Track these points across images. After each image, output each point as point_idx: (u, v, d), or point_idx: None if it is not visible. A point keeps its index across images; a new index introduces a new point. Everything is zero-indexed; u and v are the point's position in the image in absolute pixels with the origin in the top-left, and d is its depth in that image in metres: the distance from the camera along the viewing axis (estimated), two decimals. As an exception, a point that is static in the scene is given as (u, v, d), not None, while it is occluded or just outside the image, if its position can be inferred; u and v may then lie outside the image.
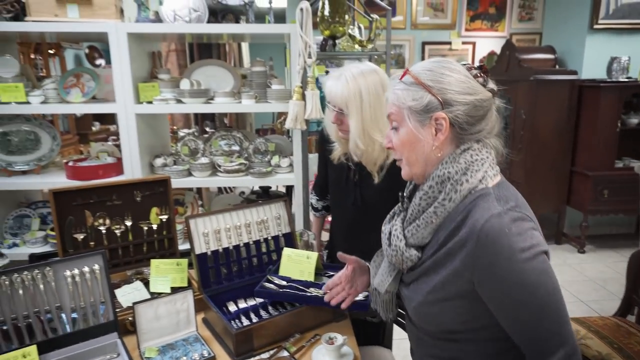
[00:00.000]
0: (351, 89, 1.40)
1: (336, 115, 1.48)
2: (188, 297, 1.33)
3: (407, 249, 0.99)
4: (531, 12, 5.44)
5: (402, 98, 0.96)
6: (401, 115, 0.97)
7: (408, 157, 0.99)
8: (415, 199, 0.98)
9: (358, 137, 1.43)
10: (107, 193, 1.63)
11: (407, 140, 0.97)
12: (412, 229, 0.98)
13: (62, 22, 2.22)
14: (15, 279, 1.17)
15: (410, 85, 0.95)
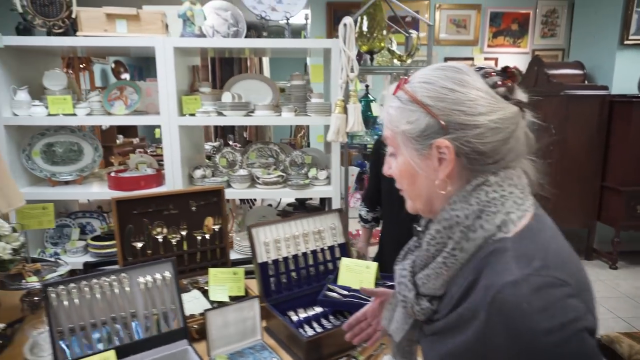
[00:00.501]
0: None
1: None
2: (254, 305, 1.34)
3: (418, 300, 0.79)
4: (554, 29, 5.48)
5: (395, 119, 0.77)
6: (395, 140, 0.79)
7: (408, 191, 0.82)
8: (423, 242, 0.79)
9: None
10: (165, 202, 1.66)
11: (404, 172, 0.79)
12: (423, 278, 0.78)
13: (113, 37, 2.28)
14: (94, 284, 1.19)
15: (405, 103, 0.76)
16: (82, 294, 1.17)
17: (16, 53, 2.39)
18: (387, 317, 0.96)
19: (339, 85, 2.24)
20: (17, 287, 1.49)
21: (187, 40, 2.32)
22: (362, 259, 1.69)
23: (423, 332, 0.84)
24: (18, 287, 1.49)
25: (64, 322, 1.14)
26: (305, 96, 2.54)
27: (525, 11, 5.42)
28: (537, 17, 5.44)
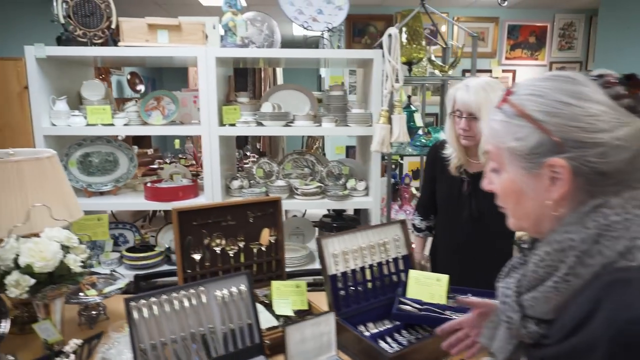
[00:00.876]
0: (482, 96, 1.56)
1: (466, 122, 1.60)
2: (330, 319, 1.29)
3: (525, 322, 0.73)
4: (571, 42, 5.51)
5: (500, 135, 0.72)
6: (500, 156, 0.73)
7: (513, 210, 0.77)
8: (530, 263, 0.73)
9: None
10: (223, 214, 1.63)
11: (509, 190, 0.74)
12: (530, 300, 0.73)
13: (156, 47, 2.27)
14: (174, 298, 1.14)
15: (512, 117, 0.70)
16: (162, 308, 1.13)
17: (56, 63, 2.38)
18: (487, 335, 0.92)
19: (384, 95, 2.22)
20: (77, 301, 1.44)
21: (230, 50, 2.30)
22: (422, 269, 1.65)
23: (530, 354, 0.78)
24: (78, 301, 1.44)
25: (144, 338, 1.09)
26: (344, 106, 2.52)
27: (543, 24, 5.45)
28: (555, 30, 5.48)
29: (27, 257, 1.15)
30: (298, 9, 2.31)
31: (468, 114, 1.59)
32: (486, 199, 1.56)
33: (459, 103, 1.61)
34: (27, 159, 1.30)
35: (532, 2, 5.10)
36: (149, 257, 2.38)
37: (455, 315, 1.35)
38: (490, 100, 1.53)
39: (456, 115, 1.63)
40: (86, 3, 2.28)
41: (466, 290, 1.49)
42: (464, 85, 1.61)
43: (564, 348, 0.67)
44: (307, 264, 2.51)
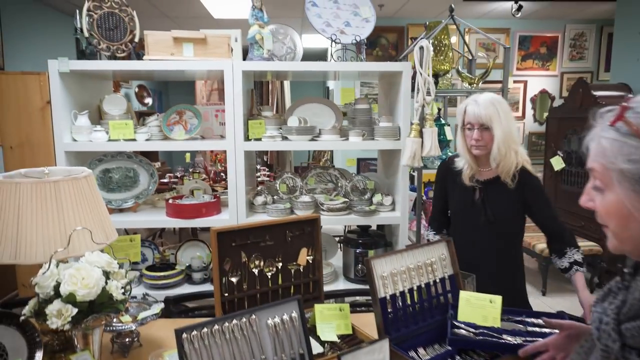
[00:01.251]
0: (491, 108, 1.70)
1: (478, 132, 1.72)
2: (384, 347, 1.22)
3: (624, 352, 0.69)
4: (582, 52, 5.49)
5: (610, 154, 0.67)
6: (607, 177, 0.69)
7: (617, 232, 0.71)
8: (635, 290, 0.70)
9: (502, 143, 1.69)
10: (262, 234, 1.56)
11: (615, 212, 0.70)
12: (633, 330, 0.68)
13: (183, 61, 2.22)
14: (225, 328, 1.07)
15: (626, 137, 0.65)
16: (214, 338, 1.06)
17: (77, 78, 2.33)
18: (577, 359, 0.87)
19: (415, 108, 2.16)
20: (112, 329, 1.37)
21: (257, 63, 2.26)
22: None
23: None
24: (113, 328, 1.37)
25: (196, 371, 1.02)
26: (370, 120, 2.47)
27: (554, 34, 5.44)
28: (566, 40, 5.46)
29: (69, 284, 1.09)
30: (326, 21, 2.27)
31: (479, 125, 1.70)
32: (497, 204, 1.80)
33: (470, 116, 1.73)
34: (65, 179, 1.24)
35: (543, 12, 5.10)
36: (170, 276, 2.31)
37: (512, 339, 1.28)
38: (498, 112, 1.69)
39: (467, 128, 1.75)
40: (110, 16, 2.24)
41: (521, 312, 1.43)
42: (472, 101, 1.73)
43: None
44: (333, 281, 2.44)
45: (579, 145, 3.98)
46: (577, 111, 3.95)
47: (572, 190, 4.13)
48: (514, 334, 1.31)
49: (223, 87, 2.25)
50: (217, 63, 2.23)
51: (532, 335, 1.32)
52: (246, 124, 2.35)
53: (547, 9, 4.95)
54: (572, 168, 4.11)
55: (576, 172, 4.06)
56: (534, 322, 1.40)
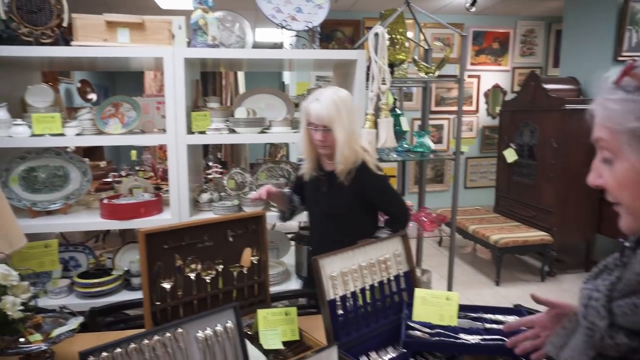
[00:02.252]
0: (333, 108, 1.60)
1: (322, 133, 1.63)
2: (332, 354, 1.10)
3: (612, 331, 0.65)
4: (532, 48, 5.62)
5: (618, 116, 0.62)
6: (616, 142, 0.63)
7: (630, 205, 0.65)
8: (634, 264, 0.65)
9: (344, 147, 1.62)
10: (199, 234, 1.41)
11: (628, 181, 0.63)
12: (626, 307, 0.64)
13: (114, 47, 2.01)
14: (144, 346, 0.92)
15: (635, 93, 0.60)
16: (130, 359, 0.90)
17: (-6, 65, 2.07)
18: (556, 342, 0.82)
19: (369, 98, 2.07)
20: (16, 351, 1.17)
21: (200, 50, 2.09)
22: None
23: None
24: (17, 350, 1.17)
25: (110, 398, 0.87)
26: (322, 111, 2.35)
27: (506, 30, 5.54)
28: (517, 36, 5.57)
29: (-49, 302, 0.90)
30: (276, 6, 2.13)
31: (322, 126, 1.62)
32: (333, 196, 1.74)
33: (313, 116, 1.63)
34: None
35: (495, 8, 5.17)
36: (106, 282, 2.11)
37: (469, 337, 1.20)
38: (340, 112, 1.60)
39: (312, 128, 1.66)
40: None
41: (477, 308, 1.35)
42: (315, 99, 1.64)
43: None
44: (284, 281, 2.31)
45: (530, 137, 4.04)
46: (529, 104, 4.01)
47: (524, 181, 4.19)
48: (471, 333, 1.24)
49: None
50: (156, 50, 2.04)
51: (490, 332, 1.25)
52: (189, 116, 2.18)
53: (499, 5, 5.02)
54: (524, 160, 4.17)
55: (527, 164, 4.12)
56: (492, 318, 1.33)
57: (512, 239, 3.70)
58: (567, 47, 4.19)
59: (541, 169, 3.90)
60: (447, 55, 2.37)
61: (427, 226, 2.42)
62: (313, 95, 1.67)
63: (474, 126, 5.73)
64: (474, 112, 5.69)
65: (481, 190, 5.86)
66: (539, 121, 3.87)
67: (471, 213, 4.59)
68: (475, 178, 5.84)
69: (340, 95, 1.65)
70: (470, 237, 4.17)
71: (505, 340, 1.19)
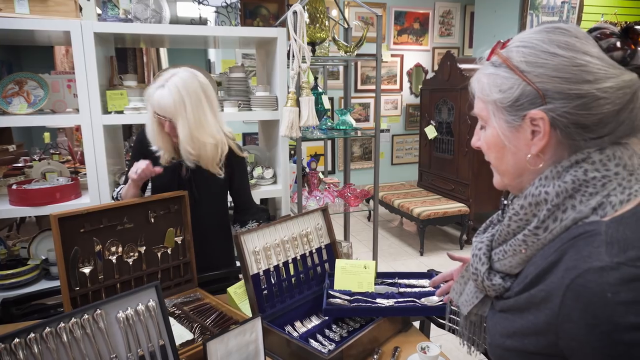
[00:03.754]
0: (176, 99, 1.44)
1: (169, 124, 1.49)
2: (256, 325, 1.15)
3: (490, 275, 0.75)
4: (450, 28, 5.91)
5: (486, 88, 0.70)
6: (486, 112, 0.72)
7: (496, 165, 0.76)
8: (505, 217, 0.74)
9: (188, 143, 1.48)
10: (118, 216, 1.38)
11: (492, 144, 0.73)
12: (499, 253, 0.74)
13: (12, 19, 1.85)
14: (62, 329, 0.91)
15: (499, 68, 0.69)
16: (49, 345, 0.89)
17: None
18: (457, 289, 0.92)
19: (290, 76, 2.09)
20: None
21: (111, 25, 1.98)
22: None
23: (492, 307, 0.79)
24: None
25: (25, 385, 0.85)
26: (246, 90, 2.35)
27: (425, 11, 5.76)
28: (436, 17, 5.82)
29: None
30: (190, -21, 2.06)
31: (168, 119, 1.47)
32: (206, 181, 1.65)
33: (156, 107, 1.47)
34: None
35: (416, -11, 5.35)
36: (21, 273, 1.99)
37: (385, 302, 1.30)
38: (184, 104, 1.45)
39: (160, 117, 1.49)
40: None
41: (394, 274, 1.46)
42: (160, 86, 1.46)
43: (522, 299, 0.68)
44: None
45: (448, 114, 4.30)
46: (446, 83, 4.25)
47: (443, 157, 4.47)
48: (387, 297, 1.34)
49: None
50: (62, 23, 1.90)
51: (404, 295, 1.36)
52: (104, 95, 2.07)
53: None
54: (443, 136, 4.44)
55: (446, 140, 4.39)
56: (406, 283, 1.44)
57: (433, 211, 3.96)
58: (479, 29, 4.47)
59: (458, 144, 4.18)
60: (364, 33, 2.44)
61: (352, 201, 2.53)
62: (159, 80, 1.48)
63: (398, 104, 5.96)
64: (398, 91, 5.91)
65: (407, 166, 6.16)
66: (455, 99, 4.12)
67: (396, 188, 4.83)
68: (401, 155, 6.11)
69: (187, 81, 1.46)
70: (396, 211, 4.40)
71: (417, 301, 1.32)
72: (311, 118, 2.10)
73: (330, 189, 2.58)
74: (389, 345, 1.28)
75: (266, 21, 5.20)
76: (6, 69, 6.46)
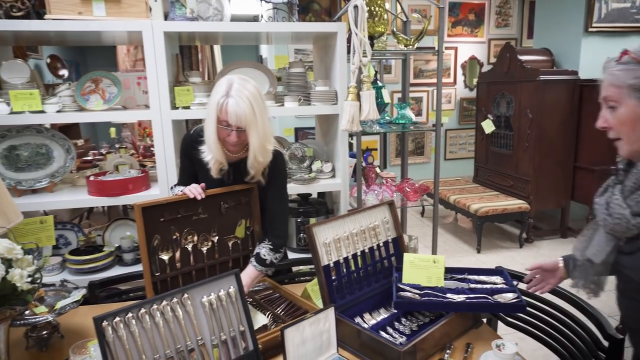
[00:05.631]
0: (251, 109, 1.43)
1: (236, 134, 1.46)
2: (330, 315, 1.17)
3: (633, 217, 0.98)
4: (507, 19, 5.68)
5: (620, 77, 0.99)
6: (620, 94, 0.99)
7: (628, 136, 1.00)
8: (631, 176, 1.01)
9: (260, 153, 1.48)
10: (194, 207, 1.44)
11: (627, 119, 0.99)
12: (636, 197, 0.99)
13: (90, 21, 1.97)
14: (154, 311, 0.96)
15: (630, 64, 0.98)
16: (141, 324, 0.95)
17: (-35, 40, 2.00)
18: (580, 246, 1.14)
19: (351, 71, 2.09)
20: (23, 323, 1.20)
21: (181, 24, 2.06)
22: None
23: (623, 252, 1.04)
24: (24, 322, 1.20)
25: (123, 362, 0.91)
26: (306, 84, 2.37)
27: (481, 1, 5.57)
28: (492, 7, 5.61)
29: (-42, 276, 0.92)
30: (254, -23, 2.10)
31: (237, 127, 1.44)
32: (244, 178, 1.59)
33: (229, 115, 1.42)
34: (-55, 153, 1.04)
35: (472, -21, 5.18)
36: (98, 259, 2.13)
37: (455, 297, 1.28)
38: (255, 114, 1.44)
39: (223, 126, 1.46)
40: (1, -33, 1.92)
41: (463, 270, 1.44)
42: (232, 98, 1.42)
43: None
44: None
45: (507, 108, 4.14)
46: (505, 76, 4.09)
47: (501, 152, 4.32)
48: (457, 292, 1.32)
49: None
50: (134, 23, 2.00)
51: (475, 292, 1.33)
52: (172, 91, 2.16)
53: (475, -25, 5.03)
54: (501, 131, 4.28)
55: (504, 134, 4.24)
56: (476, 279, 1.41)
57: (491, 208, 3.84)
58: (541, 19, 4.26)
59: (517, 139, 4.02)
60: (425, 26, 2.39)
61: (411, 196, 2.50)
62: (220, 86, 1.46)
63: (452, 98, 5.82)
64: (452, 84, 5.77)
65: (460, 161, 6.00)
66: (515, 92, 3.96)
67: (452, 184, 4.72)
68: (454, 150, 5.97)
69: (255, 93, 1.47)
70: (451, 207, 4.30)
71: (489, 298, 1.29)
72: (372, 112, 2.10)
73: (388, 183, 2.56)
74: (461, 341, 1.27)
75: (318, 16, 5.22)
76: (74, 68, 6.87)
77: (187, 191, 1.44)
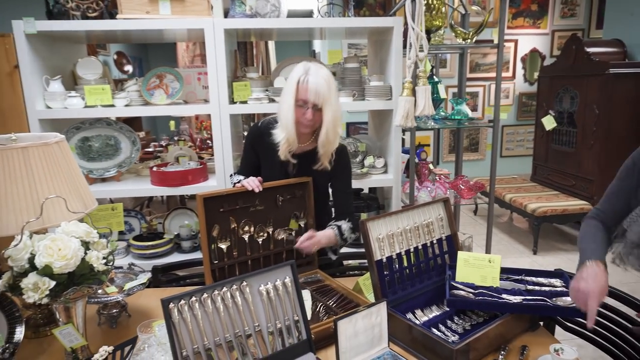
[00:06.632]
0: (326, 87, 1.50)
1: (312, 112, 1.51)
2: (382, 309, 1.18)
3: None
4: (573, 8, 5.36)
5: None
6: None
7: None
8: None
9: (330, 130, 1.53)
10: (251, 199, 1.49)
11: None
12: None
13: (156, 20, 2.08)
14: (216, 296, 1.02)
15: None
16: (204, 308, 1.00)
17: (47, 40, 2.18)
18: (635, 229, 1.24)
19: (407, 65, 2.06)
20: (97, 301, 1.31)
21: (241, 21, 2.12)
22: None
23: None
24: (98, 300, 1.31)
25: (186, 343, 0.97)
26: (360, 79, 2.37)
27: (546, -9, 5.29)
28: (558, -4, 5.32)
29: (44, 256, 1.01)
30: (312, -27, 2.12)
31: (313, 104, 1.49)
32: (308, 175, 1.64)
33: (310, 92, 1.48)
34: (33, 144, 1.14)
35: (535, -33, 4.93)
36: (158, 245, 2.25)
37: (511, 298, 1.25)
38: (330, 93, 1.51)
39: (299, 105, 1.51)
40: (78, -29, 2.07)
41: (520, 270, 1.40)
42: (312, 75, 1.49)
43: None
44: (325, 246, 2.40)
45: (571, 104, 3.92)
46: (570, 69, 3.87)
47: (563, 150, 4.10)
48: (513, 293, 1.28)
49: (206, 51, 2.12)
50: (197, 21, 2.09)
51: (532, 293, 1.29)
52: (230, 86, 2.24)
53: (540, -37, 4.79)
54: (563, 127, 4.07)
55: (567, 131, 4.02)
56: (534, 280, 1.37)
57: (550, 208, 3.67)
58: (612, 7, 3.99)
59: (582, 136, 3.80)
60: (485, 19, 2.31)
61: (465, 194, 2.45)
62: (298, 68, 1.53)
63: (510, 93, 5.58)
64: (510, 79, 5.53)
65: (517, 158, 5.76)
66: (580, 86, 3.74)
67: (508, 182, 4.55)
68: (511, 146, 5.74)
69: (328, 72, 1.54)
70: (506, 206, 4.15)
71: (548, 301, 1.25)
72: (427, 107, 2.07)
73: (441, 180, 2.51)
74: (516, 343, 1.23)
75: (372, 10, 5.18)
76: (138, 64, 7.24)
77: (245, 183, 1.50)
